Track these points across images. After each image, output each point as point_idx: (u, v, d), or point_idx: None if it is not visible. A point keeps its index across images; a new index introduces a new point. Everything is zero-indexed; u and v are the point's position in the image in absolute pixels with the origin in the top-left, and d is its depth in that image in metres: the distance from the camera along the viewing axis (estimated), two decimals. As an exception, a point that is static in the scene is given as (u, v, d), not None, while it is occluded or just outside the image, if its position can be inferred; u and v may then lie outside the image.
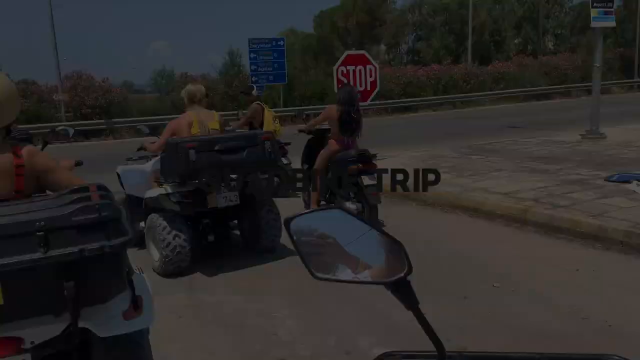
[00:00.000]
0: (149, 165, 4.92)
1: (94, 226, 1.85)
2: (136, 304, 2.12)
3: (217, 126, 4.72)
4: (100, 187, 2.08)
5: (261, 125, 7.16)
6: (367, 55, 9.36)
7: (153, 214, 4.45)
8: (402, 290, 0.92)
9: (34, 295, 1.80)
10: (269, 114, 7.27)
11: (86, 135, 16.95)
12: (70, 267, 1.80)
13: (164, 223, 4.31)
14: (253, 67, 18.40)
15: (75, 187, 2.03)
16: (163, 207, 4.35)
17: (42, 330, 1.88)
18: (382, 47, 39.78)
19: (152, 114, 19.67)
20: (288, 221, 0.98)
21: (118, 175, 5.22)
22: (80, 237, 1.83)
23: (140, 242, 4.77)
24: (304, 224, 0.99)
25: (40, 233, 1.76)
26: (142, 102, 23.18)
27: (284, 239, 4.69)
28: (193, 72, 21.86)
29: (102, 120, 17.62)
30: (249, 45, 18.28)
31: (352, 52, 9.51)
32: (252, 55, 18.31)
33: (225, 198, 4.39)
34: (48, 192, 2.17)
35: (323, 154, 5.60)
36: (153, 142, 4.90)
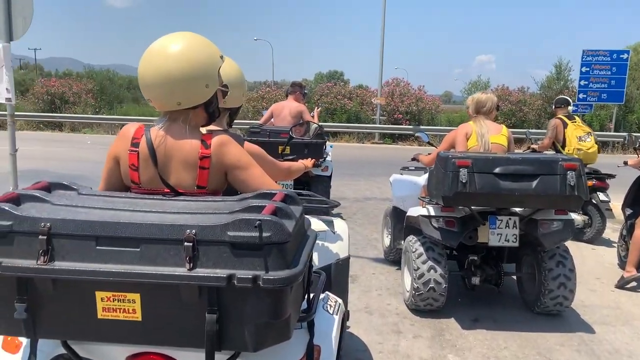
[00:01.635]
0: (422, 179, 4.29)
1: (251, 248, 1.29)
2: (310, 356, 1.55)
3: (502, 141, 3.75)
4: (289, 198, 1.53)
5: (563, 144, 5.75)
6: None
7: (412, 236, 3.80)
8: None
9: (174, 319, 1.35)
10: (574, 129, 5.70)
11: (394, 139, 17.68)
12: (217, 294, 1.29)
13: (421, 249, 3.61)
14: (583, 83, 15.98)
15: (261, 192, 1.54)
16: (423, 231, 3.66)
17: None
18: None
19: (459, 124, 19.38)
20: None
21: (390, 184, 4.77)
22: (234, 259, 1.29)
23: (397, 262, 4.25)
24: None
25: (189, 244, 1.29)
26: (456, 112, 23.07)
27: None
28: (509, 85, 20.42)
29: (409, 126, 18.03)
30: (582, 57, 15.93)
31: None
32: (584, 68, 15.91)
33: (500, 236, 3.41)
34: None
35: None
36: (429, 154, 4.25)
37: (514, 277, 4.01)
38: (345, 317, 2.38)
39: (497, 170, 3.19)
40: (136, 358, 1.48)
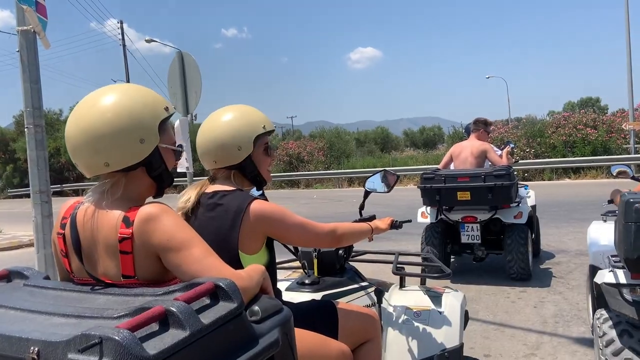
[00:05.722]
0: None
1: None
2: None
3: None
4: (221, 291, 1.01)
5: None
6: None
7: (602, 311, 2.68)
8: None
9: None
10: None
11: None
12: None
13: (612, 333, 2.48)
14: None
15: (193, 281, 1.05)
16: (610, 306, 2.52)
17: None
18: None
19: None
20: None
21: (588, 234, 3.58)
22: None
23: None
24: None
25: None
26: None
27: None
28: None
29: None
30: None
31: None
32: None
33: None
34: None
35: None
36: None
37: None
38: None
39: None
40: None
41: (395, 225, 2.13)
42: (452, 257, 5.74)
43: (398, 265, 2.25)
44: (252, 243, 1.57)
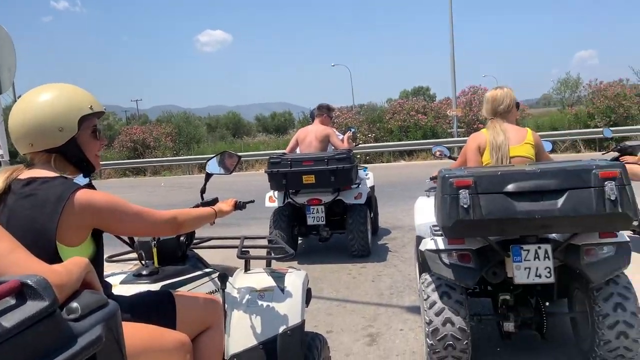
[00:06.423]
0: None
1: None
2: None
3: (526, 152, 2.88)
4: (27, 287, 0.91)
5: None
6: None
7: (425, 275, 3.01)
8: None
9: None
10: None
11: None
12: None
13: (434, 295, 2.81)
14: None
15: None
16: (431, 270, 2.86)
17: None
18: None
19: (550, 128, 17.75)
20: None
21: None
22: None
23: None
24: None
25: None
26: (545, 116, 21.19)
27: None
28: (604, 79, 18.23)
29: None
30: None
31: None
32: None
33: (528, 270, 2.54)
34: None
35: None
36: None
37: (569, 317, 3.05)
38: None
39: (509, 188, 2.36)
40: None
41: (239, 206, 2.13)
42: (299, 238, 5.95)
43: (243, 250, 2.27)
44: (74, 235, 1.45)
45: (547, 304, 2.95)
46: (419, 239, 3.75)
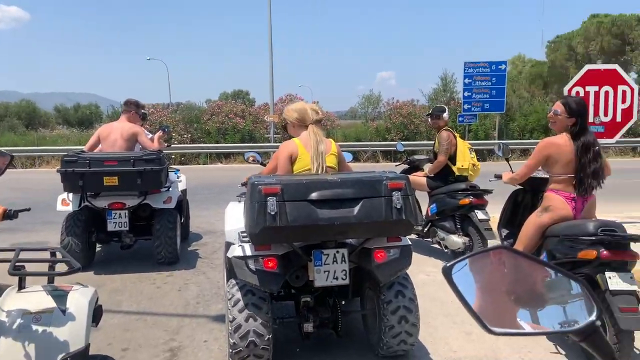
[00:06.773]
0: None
1: None
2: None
3: (331, 163, 3.06)
4: None
5: (453, 159, 5.28)
6: (620, 71, 6.48)
7: (232, 280, 2.96)
8: (593, 337, 0.82)
9: None
10: (463, 145, 5.35)
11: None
12: None
13: (238, 294, 2.79)
14: (466, 94, 16.30)
15: None
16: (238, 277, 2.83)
17: None
18: (633, 75, 32.97)
19: (355, 139, 19.32)
20: (448, 270, 0.85)
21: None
22: None
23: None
24: (466, 272, 0.87)
25: None
26: (351, 128, 22.99)
27: None
28: (400, 99, 20.60)
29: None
30: (464, 69, 16.27)
31: (596, 66, 6.67)
32: (467, 80, 16.26)
33: (327, 274, 2.70)
34: None
35: (535, 223, 3.35)
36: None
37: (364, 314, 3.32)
38: None
39: (312, 196, 2.47)
40: None
41: (9, 215, 1.79)
42: (98, 246, 5.40)
43: (17, 264, 1.92)
44: None
45: (343, 302, 3.16)
46: (228, 245, 3.68)
